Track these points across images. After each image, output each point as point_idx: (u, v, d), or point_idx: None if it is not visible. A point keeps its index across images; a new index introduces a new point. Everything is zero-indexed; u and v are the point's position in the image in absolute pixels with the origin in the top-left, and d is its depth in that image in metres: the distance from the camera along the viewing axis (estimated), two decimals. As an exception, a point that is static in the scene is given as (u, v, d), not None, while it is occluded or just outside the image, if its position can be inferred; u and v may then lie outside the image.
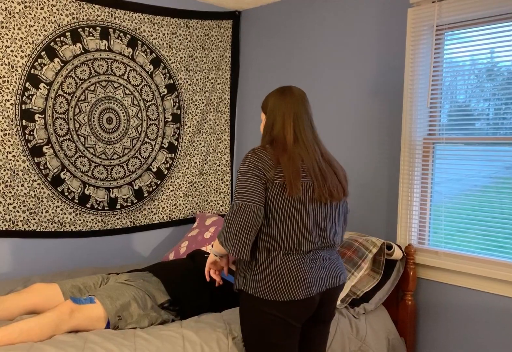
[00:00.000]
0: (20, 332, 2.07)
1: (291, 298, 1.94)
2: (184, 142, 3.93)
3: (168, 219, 3.94)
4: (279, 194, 1.95)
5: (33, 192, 3.24)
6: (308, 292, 1.97)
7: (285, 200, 1.95)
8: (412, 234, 3.02)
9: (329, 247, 2.11)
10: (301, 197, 1.97)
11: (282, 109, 2.06)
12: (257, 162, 1.95)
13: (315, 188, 2.00)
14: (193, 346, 2.19)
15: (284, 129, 2.03)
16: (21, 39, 3.13)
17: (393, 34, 3.09)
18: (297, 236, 1.98)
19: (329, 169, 2.06)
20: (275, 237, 1.97)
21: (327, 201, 2.04)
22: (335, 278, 2.10)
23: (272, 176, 1.94)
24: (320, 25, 3.51)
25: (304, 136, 2.04)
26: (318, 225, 2.04)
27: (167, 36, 3.75)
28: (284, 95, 2.09)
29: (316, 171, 2.01)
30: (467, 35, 2.84)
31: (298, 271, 1.96)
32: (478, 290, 2.77)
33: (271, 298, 1.94)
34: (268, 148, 1.99)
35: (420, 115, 2.97)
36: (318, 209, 2.03)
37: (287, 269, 1.96)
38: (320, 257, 2.05)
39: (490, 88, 2.80)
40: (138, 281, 2.59)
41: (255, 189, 1.92)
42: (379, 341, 2.74)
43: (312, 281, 1.99)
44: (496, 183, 2.78)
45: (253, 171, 1.94)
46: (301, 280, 1.96)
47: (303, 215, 1.98)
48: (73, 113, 3.38)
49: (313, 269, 2.00)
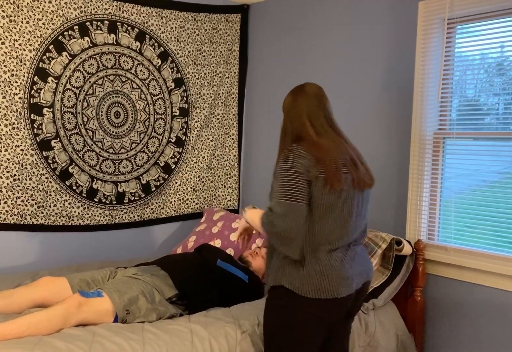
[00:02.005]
0: (29, 326, 2.08)
1: (335, 296, 1.95)
2: (192, 137, 3.92)
3: (176, 213, 3.93)
4: (322, 188, 1.93)
5: (41, 185, 3.24)
6: (350, 289, 2.00)
7: (328, 193, 1.94)
8: (422, 230, 3.00)
9: (360, 239, 2.13)
10: (343, 189, 1.97)
11: (296, 108, 2.08)
12: (299, 160, 1.93)
13: (354, 178, 2.01)
14: (202, 340, 2.19)
15: (303, 126, 2.04)
16: (29, 33, 3.12)
17: (404, 27, 3.06)
18: (339, 229, 1.99)
19: (356, 157, 2.07)
20: (318, 232, 1.96)
21: (363, 190, 2.05)
22: (367, 273, 2.13)
23: (315, 171, 1.92)
24: (329, 19, 3.48)
25: (323, 130, 2.04)
26: (356, 217, 2.05)
27: (175, 30, 3.74)
28: (296, 94, 2.12)
29: (347, 161, 2.02)
30: (477, 29, 2.81)
31: (341, 269, 1.97)
32: (487, 286, 2.75)
33: (315, 296, 1.94)
34: (302, 146, 1.98)
35: (430, 110, 2.94)
36: (356, 200, 2.04)
37: (331, 267, 1.96)
38: (356, 252, 2.07)
39: (500, 83, 2.78)
40: (146, 275, 2.58)
41: (299, 187, 1.91)
42: (388, 337, 2.73)
43: (352, 277, 2.01)
44: (506, 178, 2.76)
45: (296, 168, 1.92)
46: (344, 277, 1.97)
47: (344, 207, 1.99)
48: (81, 107, 3.37)
49: (352, 266, 2.03)
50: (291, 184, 1.91)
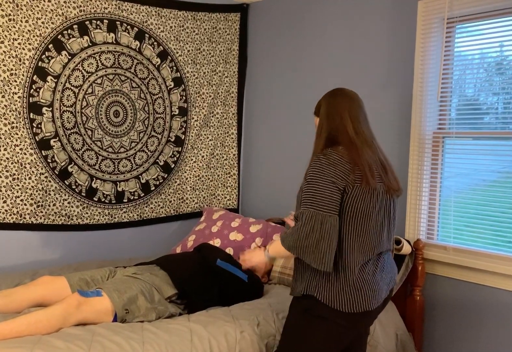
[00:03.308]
0: (28, 325, 2.07)
1: (367, 309, 1.93)
2: (191, 136, 3.92)
3: (175, 212, 3.93)
4: (359, 196, 1.90)
5: (41, 185, 3.24)
6: (379, 300, 1.99)
7: (365, 202, 1.91)
8: (421, 229, 3.00)
9: (389, 247, 2.11)
10: (377, 197, 1.94)
11: (337, 107, 2.04)
12: (333, 167, 1.88)
13: (385, 181, 1.99)
14: (201, 340, 2.19)
15: (342, 122, 2.00)
16: (28, 32, 3.12)
17: (403, 27, 3.06)
18: (374, 239, 1.96)
19: (386, 163, 2.05)
20: (352, 243, 1.93)
21: (394, 195, 2.03)
22: (394, 278, 2.12)
23: (352, 179, 1.89)
24: (329, 18, 3.48)
25: (361, 131, 2.01)
26: (389, 226, 2.04)
27: (174, 29, 3.73)
28: (336, 95, 2.10)
29: (378, 164, 2.00)
30: (477, 28, 2.81)
31: (374, 282, 1.96)
32: (487, 285, 2.74)
33: (347, 310, 1.91)
34: (339, 150, 1.94)
35: (430, 109, 2.94)
36: (389, 209, 2.02)
37: (364, 281, 1.93)
38: (384, 261, 2.05)
39: (499, 82, 2.78)
40: (145, 274, 2.58)
41: (332, 197, 1.87)
42: (387, 336, 2.73)
43: (382, 289, 2.00)
44: (505, 177, 2.76)
45: (329, 177, 1.87)
46: (376, 290, 1.96)
47: (378, 217, 1.97)
48: (80, 107, 3.37)
49: (382, 277, 2.02)
50: (323, 193, 1.86)
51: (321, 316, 1.95)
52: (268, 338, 2.34)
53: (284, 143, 3.80)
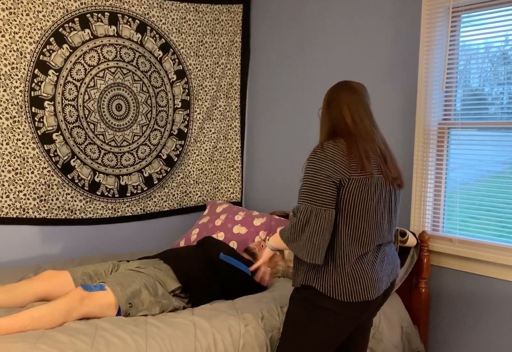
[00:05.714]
0: (31, 319, 2.07)
1: (365, 299, 1.94)
2: (194, 129, 3.90)
3: (179, 206, 3.91)
4: (356, 189, 1.91)
5: (43, 179, 3.23)
6: (379, 291, 2.00)
7: (362, 194, 1.92)
8: (426, 221, 2.98)
9: (390, 239, 2.10)
10: (375, 188, 1.95)
11: (337, 98, 2.06)
12: (329, 161, 1.90)
13: (383, 169, 1.99)
14: (205, 333, 2.18)
15: (341, 113, 2.02)
16: (29, 25, 3.10)
17: (408, 17, 3.02)
18: (373, 231, 1.97)
19: (386, 152, 2.05)
20: (351, 234, 1.94)
21: (394, 184, 2.03)
22: (396, 270, 2.13)
23: (349, 172, 1.90)
24: (332, 10, 3.44)
25: (359, 119, 2.02)
26: (389, 218, 2.04)
27: (176, 21, 3.70)
28: (336, 87, 2.12)
29: (377, 155, 2.00)
30: (482, 18, 2.77)
31: (372, 272, 1.97)
32: (492, 277, 2.73)
33: (346, 299, 1.93)
34: (337, 142, 1.95)
35: (435, 100, 2.91)
36: (389, 200, 2.02)
37: (363, 271, 1.95)
38: (385, 253, 2.06)
39: (505, 72, 2.74)
40: (148, 268, 2.57)
41: (327, 191, 1.89)
42: (392, 329, 2.72)
43: (382, 279, 2.01)
44: (510, 168, 2.73)
45: (324, 171, 1.90)
46: (375, 280, 1.97)
47: (378, 209, 1.97)
48: (82, 100, 3.35)
49: (383, 267, 2.02)
50: (318, 187, 1.89)
51: (320, 306, 1.97)
52: (272, 331, 2.33)
53: (288, 135, 3.78)
